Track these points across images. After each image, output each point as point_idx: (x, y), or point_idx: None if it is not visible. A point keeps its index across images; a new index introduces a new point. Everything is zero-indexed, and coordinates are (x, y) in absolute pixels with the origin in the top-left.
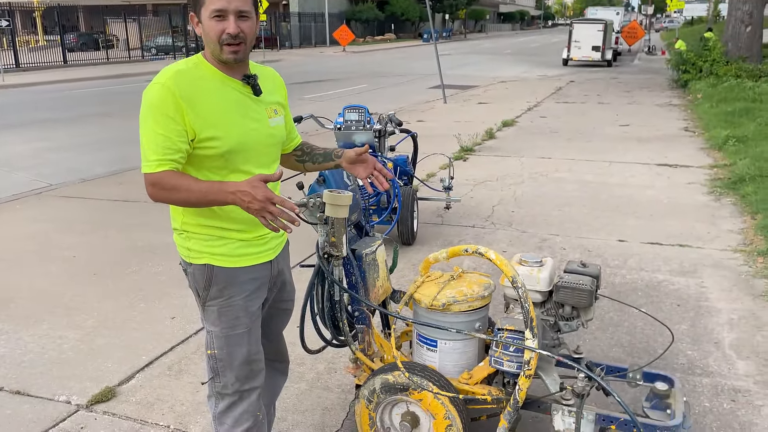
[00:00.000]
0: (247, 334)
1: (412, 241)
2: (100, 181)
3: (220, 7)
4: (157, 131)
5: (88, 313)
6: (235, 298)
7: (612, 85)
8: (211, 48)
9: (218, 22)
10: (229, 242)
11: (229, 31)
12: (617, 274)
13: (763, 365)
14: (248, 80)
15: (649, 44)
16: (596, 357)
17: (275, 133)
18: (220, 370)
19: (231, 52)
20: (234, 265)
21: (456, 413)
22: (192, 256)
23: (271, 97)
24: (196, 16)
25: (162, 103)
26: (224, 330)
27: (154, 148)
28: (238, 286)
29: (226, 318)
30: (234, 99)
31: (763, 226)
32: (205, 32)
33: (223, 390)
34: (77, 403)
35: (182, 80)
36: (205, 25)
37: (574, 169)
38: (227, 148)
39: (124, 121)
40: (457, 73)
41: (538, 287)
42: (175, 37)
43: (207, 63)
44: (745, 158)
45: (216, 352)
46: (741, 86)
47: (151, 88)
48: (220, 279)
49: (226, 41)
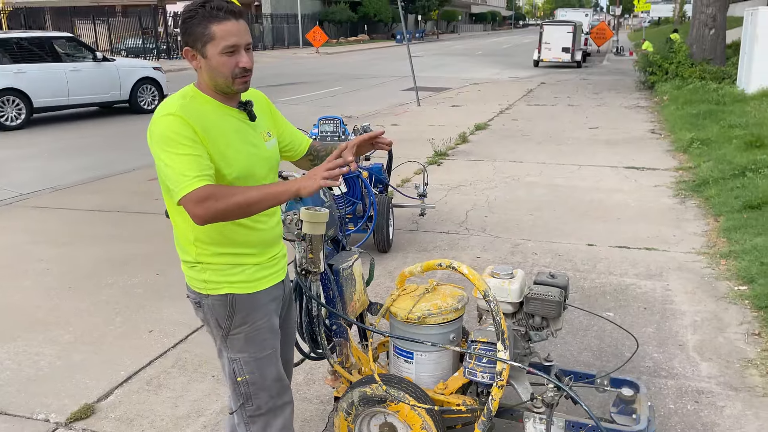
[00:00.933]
0: (275, 353)
1: (387, 249)
2: (74, 189)
3: (234, 43)
4: (184, 154)
5: (65, 328)
6: (259, 321)
7: (582, 87)
8: (218, 81)
9: (230, 57)
10: (246, 268)
11: (244, 65)
12: (586, 279)
13: (725, 366)
14: (245, 107)
15: (617, 45)
16: (566, 361)
17: (271, 156)
18: (252, 393)
19: (242, 83)
20: (254, 290)
21: (432, 423)
22: (210, 288)
23: (264, 121)
24: (195, 51)
25: (180, 129)
26: (253, 354)
27: (189, 167)
28: (261, 310)
29: (255, 342)
30: (235, 127)
31: (725, 229)
32: (213, 67)
33: (257, 412)
34: (56, 420)
35: (189, 110)
36: (213, 60)
37: (545, 173)
38: (236, 176)
39: (98, 127)
40: (430, 75)
41: (509, 299)
42: (145, 38)
43: (203, 94)
44: (708, 161)
45: (247, 377)
46: (705, 88)
47: (162, 120)
48: (244, 306)
49: (239, 75)
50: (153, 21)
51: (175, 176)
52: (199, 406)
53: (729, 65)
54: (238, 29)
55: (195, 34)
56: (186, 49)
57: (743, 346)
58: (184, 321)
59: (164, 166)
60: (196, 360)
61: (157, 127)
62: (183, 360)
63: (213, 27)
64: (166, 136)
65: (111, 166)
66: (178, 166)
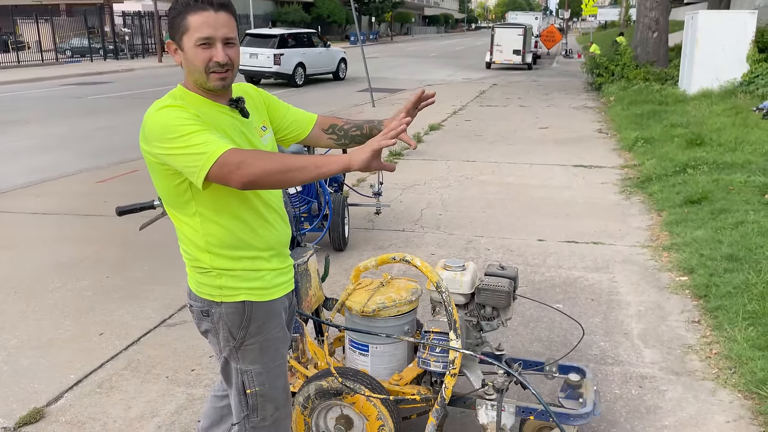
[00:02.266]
0: (284, 363)
1: (343, 247)
2: (16, 192)
3: (207, 35)
4: (196, 131)
5: (10, 332)
6: (273, 330)
7: (532, 88)
8: (195, 76)
9: (204, 50)
10: (265, 274)
11: (218, 60)
12: (537, 272)
13: (666, 353)
14: (236, 104)
15: (566, 48)
16: (518, 352)
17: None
18: (259, 405)
19: (219, 79)
20: (271, 298)
21: (387, 414)
22: (225, 294)
23: (257, 115)
24: (175, 44)
25: (182, 114)
26: (266, 365)
27: (207, 138)
28: (275, 318)
29: (268, 353)
30: (229, 124)
31: (667, 223)
32: (189, 60)
33: (261, 423)
34: (4, 426)
35: (184, 104)
36: (189, 53)
37: (497, 172)
38: None
39: (43, 128)
40: (384, 76)
41: (461, 290)
42: (92, 38)
43: (191, 93)
44: (652, 159)
45: (257, 389)
46: (649, 89)
47: (157, 114)
48: (260, 314)
49: (213, 69)
50: (99, 20)
51: (196, 152)
52: (153, 407)
53: (671, 67)
54: (215, 21)
55: (174, 26)
56: (168, 42)
57: (684, 333)
58: (136, 323)
59: (175, 154)
60: (149, 361)
61: (153, 122)
62: (135, 362)
63: (189, 17)
64: (168, 124)
65: (57, 168)
66: (194, 142)
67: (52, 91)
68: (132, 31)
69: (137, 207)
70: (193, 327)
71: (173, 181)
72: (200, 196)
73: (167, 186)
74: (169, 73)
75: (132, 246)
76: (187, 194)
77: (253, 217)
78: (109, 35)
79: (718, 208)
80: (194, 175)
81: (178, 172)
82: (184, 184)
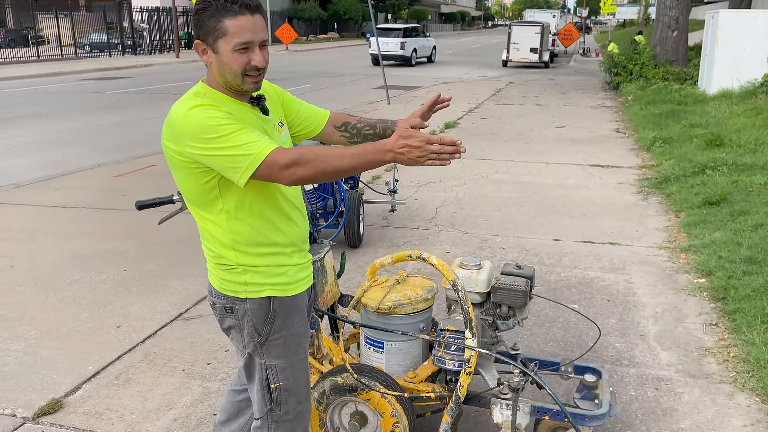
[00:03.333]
0: (306, 357)
1: (358, 244)
2: (36, 186)
3: (247, 40)
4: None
5: (30, 323)
6: (297, 325)
7: (549, 87)
8: (227, 78)
9: (242, 54)
10: (288, 269)
11: (256, 64)
12: (552, 272)
13: (683, 355)
14: (257, 102)
15: (584, 46)
16: (532, 352)
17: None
18: (283, 399)
19: (253, 82)
20: (294, 293)
21: (402, 411)
22: (250, 291)
23: (274, 112)
24: (206, 45)
25: (218, 114)
26: (290, 360)
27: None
28: (299, 313)
29: (291, 347)
30: (254, 121)
31: (685, 224)
32: (224, 63)
33: (284, 417)
34: (23, 416)
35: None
36: (225, 56)
37: (513, 171)
38: None
39: (61, 122)
40: (400, 74)
41: (477, 289)
42: (110, 34)
43: (215, 91)
44: (670, 159)
45: (281, 384)
46: (668, 89)
47: (190, 114)
48: (284, 309)
49: (250, 72)
50: (118, 15)
51: (240, 153)
52: (169, 399)
53: (691, 67)
54: (254, 25)
55: (207, 28)
56: (197, 42)
57: (701, 335)
58: (153, 316)
59: (215, 155)
60: (165, 354)
61: (186, 122)
62: (152, 354)
63: (226, 21)
64: (205, 125)
65: (75, 162)
66: (237, 142)
67: (71, 86)
68: (150, 26)
69: (156, 202)
70: (209, 321)
71: (200, 180)
72: (228, 194)
73: (193, 184)
74: (186, 69)
75: (149, 240)
76: (213, 192)
77: (276, 215)
78: (128, 30)
79: (737, 209)
80: (237, 174)
81: (206, 171)
82: (212, 183)
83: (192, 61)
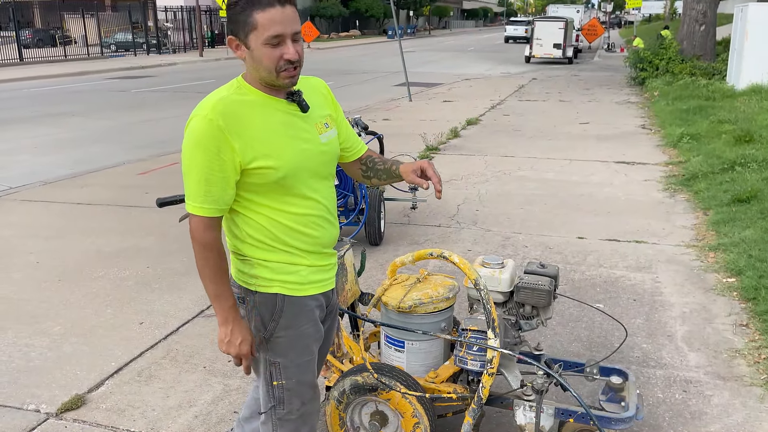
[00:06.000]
0: (314, 359)
1: (379, 242)
2: (62, 183)
3: (278, 33)
4: (201, 172)
5: (55, 320)
6: (304, 326)
7: (573, 83)
8: (262, 74)
9: (274, 48)
10: (301, 269)
11: (288, 57)
12: (577, 271)
13: (712, 356)
14: (293, 98)
15: (608, 41)
16: (556, 352)
17: (328, 150)
18: (286, 398)
19: (288, 77)
20: (304, 293)
21: (423, 411)
22: (259, 284)
23: (320, 110)
24: (239, 40)
25: (205, 138)
26: (294, 360)
27: (196, 190)
28: (307, 315)
29: (297, 348)
30: (281, 121)
31: (713, 222)
32: (257, 59)
33: (287, 416)
34: (47, 411)
35: (226, 110)
36: (256, 52)
37: (536, 168)
38: (282, 174)
39: (87, 121)
40: (421, 71)
41: (499, 288)
42: (135, 33)
43: (249, 86)
44: (698, 155)
45: (284, 383)
46: (695, 84)
47: (194, 120)
48: (291, 308)
49: (284, 67)
50: (143, 15)
51: (186, 188)
52: (190, 396)
53: (719, 61)
54: (284, 17)
55: (238, 23)
56: (230, 38)
57: (731, 336)
58: (175, 313)
59: (184, 171)
60: (187, 351)
61: (188, 128)
62: (174, 351)
63: (256, 15)
64: (191, 142)
65: (100, 160)
66: (189, 182)
67: (97, 85)
68: (174, 25)
69: (177, 199)
70: None
71: None
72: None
73: None
74: (209, 68)
75: (171, 237)
76: None
77: (295, 217)
78: (152, 30)
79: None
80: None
81: None
82: None
83: (215, 59)
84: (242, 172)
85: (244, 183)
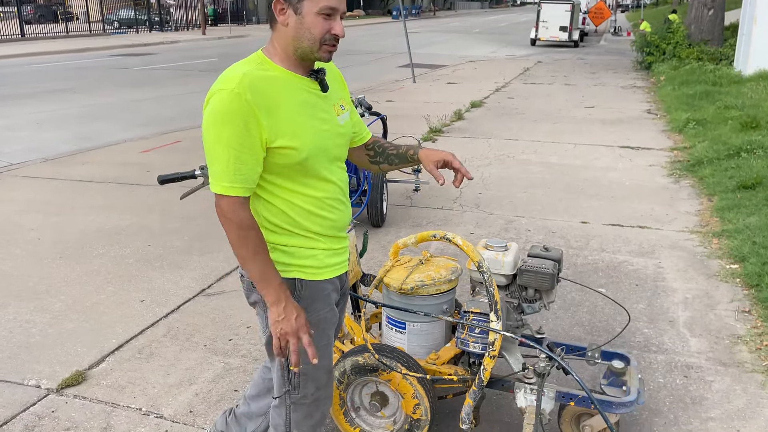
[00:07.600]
0: (330, 343)
1: (381, 224)
2: (64, 160)
3: (334, 5)
4: (229, 146)
5: (55, 296)
6: (321, 311)
7: (578, 66)
8: (302, 44)
9: (325, 20)
10: (318, 253)
11: (336, 32)
12: (579, 255)
13: (714, 342)
14: (316, 76)
15: (615, 25)
16: (558, 336)
17: (344, 132)
18: (301, 383)
19: (328, 51)
20: (321, 278)
21: (423, 392)
22: (278, 270)
23: (337, 92)
24: (289, 5)
25: (232, 112)
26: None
27: (224, 169)
28: (324, 299)
29: (316, 332)
30: (304, 100)
31: (718, 208)
32: (306, 26)
33: (302, 400)
34: (47, 387)
35: (253, 84)
36: (308, 18)
37: (539, 151)
38: (305, 155)
39: (89, 98)
40: (426, 52)
41: (502, 271)
42: (138, 10)
43: (270, 61)
44: (703, 141)
45: (300, 367)
46: (702, 69)
47: (219, 94)
48: (309, 293)
49: (328, 41)
50: None
51: (211, 168)
52: (191, 374)
53: (726, 46)
54: None
55: None
56: (277, 1)
57: (733, 323)
58: (176, 291)
59: (208, 149)
60: (188, 329)
61: (211, 101)
62: (175, 329)
63: None
64: (215, 116)
65: (102, 137)
66: (214, 160)
67: (99, 62)
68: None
69: (178, 176)
70: (232, 297)
71: None
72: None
73: None
74: (211, 46)
75: (173, 215)
76: None
77: (313, 200)
78: (155, 7)
79: None
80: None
81: None
82: None
83: (217, 38)
84: (267, 151)
85: (267, 163)
